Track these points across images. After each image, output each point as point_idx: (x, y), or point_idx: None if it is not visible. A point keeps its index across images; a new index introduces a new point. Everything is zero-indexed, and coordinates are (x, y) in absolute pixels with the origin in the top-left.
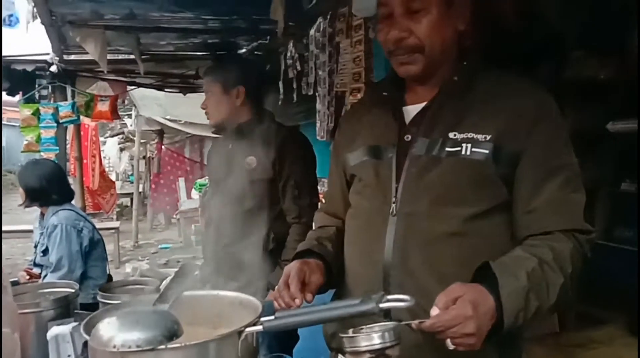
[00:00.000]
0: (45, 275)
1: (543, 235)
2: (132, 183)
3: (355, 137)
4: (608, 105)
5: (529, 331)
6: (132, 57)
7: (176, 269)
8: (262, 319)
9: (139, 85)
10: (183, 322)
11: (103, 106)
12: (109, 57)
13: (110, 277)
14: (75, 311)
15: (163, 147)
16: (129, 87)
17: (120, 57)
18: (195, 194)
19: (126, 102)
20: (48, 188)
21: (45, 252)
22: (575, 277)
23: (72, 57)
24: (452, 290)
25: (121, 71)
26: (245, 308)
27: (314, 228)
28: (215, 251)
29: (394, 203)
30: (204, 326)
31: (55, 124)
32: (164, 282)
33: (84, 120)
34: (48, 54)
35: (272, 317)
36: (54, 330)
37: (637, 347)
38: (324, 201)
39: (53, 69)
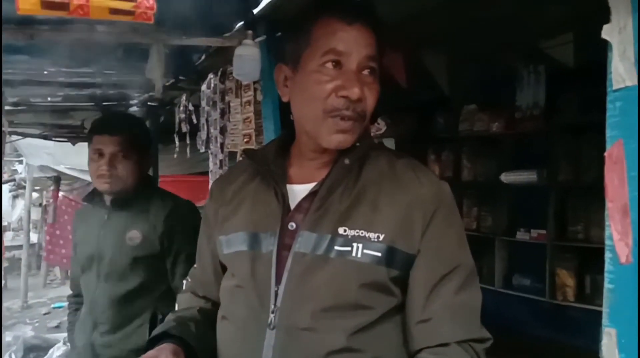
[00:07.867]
0: None
1: (439, 347)
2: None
3: (230, 215)
4: (500, 157)
5: None
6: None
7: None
8: None
9: (22, 135)
10: None
11: None
12: None
13: None
14: None
15: (60, 194)
16: (10, 138)
17: None
18: None
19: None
20: None
21: None
22: None
23: None
24: None
25: None
26: None
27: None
28: (89, 340)
29: (272, 312)
30: None
31: None
32: None
33: None
34: None
35: None
36: None
37: None
38: (189, 279)
39: None
